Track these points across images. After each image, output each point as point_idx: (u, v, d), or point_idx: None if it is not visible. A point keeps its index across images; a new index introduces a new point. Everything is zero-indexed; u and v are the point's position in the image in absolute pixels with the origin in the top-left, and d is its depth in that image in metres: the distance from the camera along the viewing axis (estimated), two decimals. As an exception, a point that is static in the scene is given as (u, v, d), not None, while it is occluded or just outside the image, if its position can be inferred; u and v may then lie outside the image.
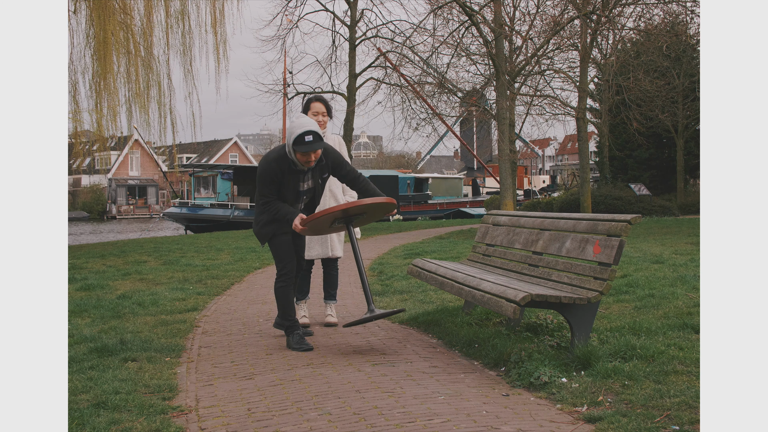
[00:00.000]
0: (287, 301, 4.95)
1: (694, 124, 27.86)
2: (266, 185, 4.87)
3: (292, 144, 4.66)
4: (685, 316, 5.05)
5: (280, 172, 4.80)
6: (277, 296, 4.98)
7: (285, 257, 4.96)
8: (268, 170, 4.84)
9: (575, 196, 23.31)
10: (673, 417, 3.08)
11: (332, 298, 5.74)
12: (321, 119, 5.46)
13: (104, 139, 14.85)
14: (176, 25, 14.38)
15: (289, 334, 4.93)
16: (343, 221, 4.94)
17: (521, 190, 41.07)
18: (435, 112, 23.12)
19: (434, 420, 3.17)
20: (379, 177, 32.81)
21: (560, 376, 3.73)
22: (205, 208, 31.71)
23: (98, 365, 4.38)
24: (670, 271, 7.53)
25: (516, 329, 4.86)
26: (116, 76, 13.83)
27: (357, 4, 22.41)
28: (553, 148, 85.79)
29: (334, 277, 5.75)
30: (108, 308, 6.45)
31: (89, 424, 3.26)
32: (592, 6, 17.12)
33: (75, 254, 11.97)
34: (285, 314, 4.96)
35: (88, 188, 57.23)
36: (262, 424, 3.27)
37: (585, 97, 21.41)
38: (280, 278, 4.97)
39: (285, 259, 4.96)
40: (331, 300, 5.74)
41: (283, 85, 25.27)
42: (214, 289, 7.81)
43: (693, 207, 25.24)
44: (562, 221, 4.71)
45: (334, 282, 5.74)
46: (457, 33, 18.48)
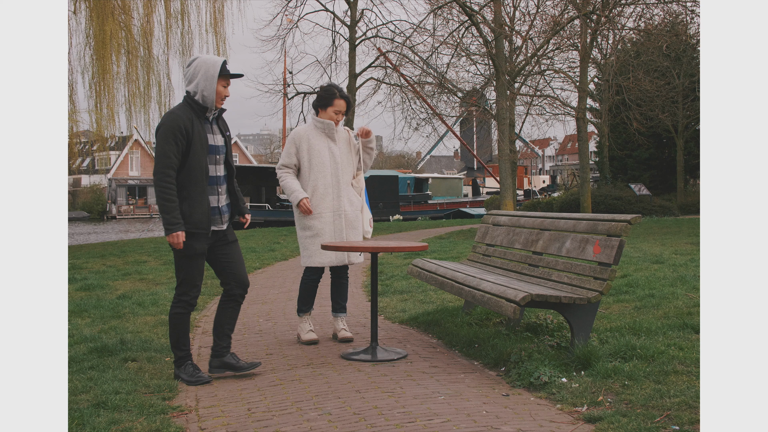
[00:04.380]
0: (185, 330, 4.17)
1: (694, 124, 27.86)
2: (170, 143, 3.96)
3: (218, 72, 4.07)
4: (685, 316, 5.05)
5: (189, 121, 4.03)
6: (173, 324, 4.15)
7: (196, 280, 4.16)
8: (173, 119, 4.01)
9: (575, 196, 23.30)
10: (673, 417, 3.08)
11: (343, 310, 5.18)
12: (339, 118, 5.06)
13: (104, 139, 14.86)
14: (176, 24, 14.39)
15: (180, 365, 4.17)
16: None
17: (521, 190, 41.09)
18: (435, 112, 23.13)
19: (434, 420, 3.17)
20: (379, 177, 32.80)
21: (560, 376, 3.73)
22: None
23: (98, 365, 4.38)
24: (670, 271, 7.53)
25: (516, 329, 4.86)
26: (116, 76, 13.85)
27: (357, 4, 22.41)
28: (553, 148, 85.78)
29: (345, 287, 5.19)
30: (108, 308, 6.45)
31: (89, 424, 3.26)
32: (592, 6, 17.12)
33: (75, 254, 11.96)
34: (180, 343, 4.17)
35: (88, 188, 57.19)
36: (262, 424, 3.27)
37: (585, 97, 21.40)
38: (180, 304, 4.15)
39: (196, 282, 4.16)
40: (342, 312, 5.18)
41: (283, 85, 25.28)
42: (214, 289, 7.81)
43: (693, 207, 25.23)
44: (562, 221, 4.71)
45: (345, 292, 5.19)
46: (457, 33, 18.49)
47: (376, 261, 4.69)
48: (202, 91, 4.07)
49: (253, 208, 29.68)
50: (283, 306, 6.71)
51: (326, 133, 5.05)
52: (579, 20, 17.79)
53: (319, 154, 4.99)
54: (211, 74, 4.07)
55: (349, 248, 4.47)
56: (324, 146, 5.02)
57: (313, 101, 5.14)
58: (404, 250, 4.55)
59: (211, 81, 4.07)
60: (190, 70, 4.12)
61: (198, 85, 4.08)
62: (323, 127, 5.03)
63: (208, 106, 4.11)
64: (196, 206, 4.06)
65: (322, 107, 5.05)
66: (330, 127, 5.03)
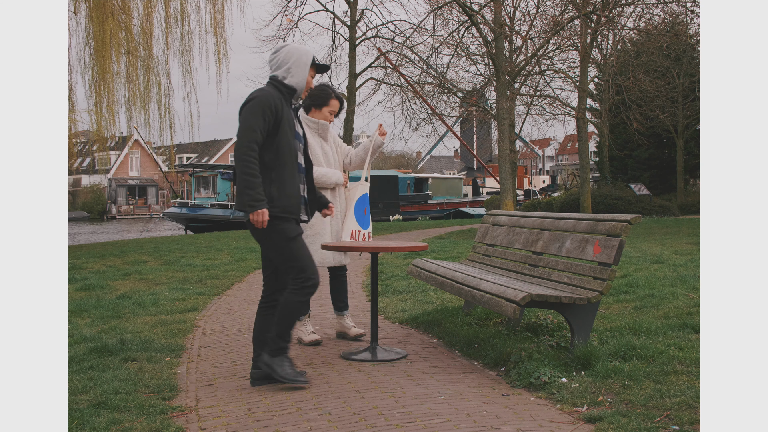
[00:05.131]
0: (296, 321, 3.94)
1: (694, 124, 27.87)
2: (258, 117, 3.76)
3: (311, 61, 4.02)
4: (685, 316, 5.05)
5: (279, 101, 3.88)
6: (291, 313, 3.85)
7: (311, 260, 3.90)
8: (265, 95, 3.85)
9: (575, 196, 23.31)
10: (673, 417, 3.08)
11: (346, 307, 5.19)
12: (332, 118, 5.09)
13: (104, 139, 14.86)
14: (175, 25, 14.40)
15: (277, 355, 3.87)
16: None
17: (521, 190, 41.07)
18: (435, 112, 23.14)
19: (434, 420, 3.17)
20: (379, 177, 32.80)
21: (560, 376, 3.73)
22: (205, 208, 31.70)
23: (98, 365, 4.38)
24: (670, 271, 7.53)
25: (516, 329, 4.86)
26: (115, 76, 13.85)
27: (357, 4, 22.43)
28: (553, 148, 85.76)
29: (345, 284, 5.22)
30: (108, 308, 6.45)
31: (89, 424, 3.26)
32: (592, 6, 17.13)
33: (75, 254, 11.96)
34: (287, 334, 3.89)
35: (88, 188, 57.24)
36: (262, 424, 3.27)
37: (585, 97, 21.41)
38: (305, 290, 3.85)
39: (312, 262, 3.91)
40: (345, 310, 5.19)
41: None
42: (214, 289, 7.81)
43: (693, 207, 25.24)
44: (562, 221, 4.71)
45: (345, 289, 5.22)
46: (457, 33, 18.50)
47: (376, 261, 4.69)
48: (293, 76, 3.97)
49: None
50: (283, 306, 6.70)
51: (319, 133, 5.04)
52: (579, 20, 17.80)
53: (313, 153, 4.98)
54: (304, 62, 3.99)
55: (349, 248, 4.45)
56: (317, 145, 5.02)
57: (305, 100, 5.05)
58: (404, 250, 4.55)
59: (303, 68, 3.99)
60: (280, 57, 4.01)
61: (289, 71, 3.97)
62: (317, 126, 5.02)
63: (298, 92, 4.01)
64: (286, 189, 3.87)
65: (316, 107, 5.01)
66: (324, 127, 5.03)
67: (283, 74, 3.97)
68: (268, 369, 3.85)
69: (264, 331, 3.98)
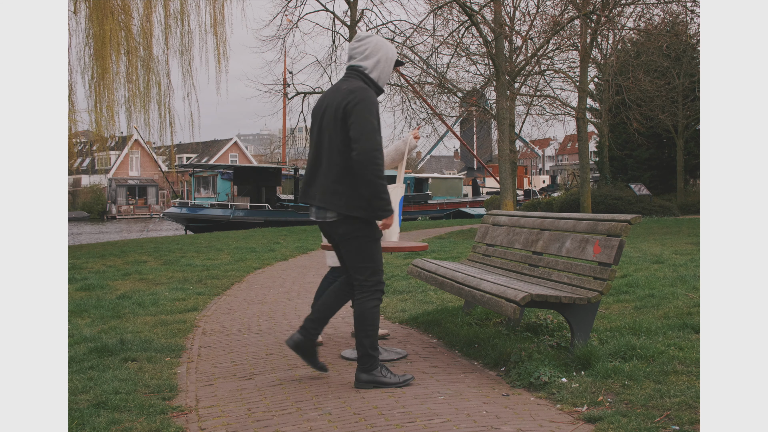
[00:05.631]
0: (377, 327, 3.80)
1: (694, 124, 27.88)
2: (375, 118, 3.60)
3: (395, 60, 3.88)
4: (685, 316, 5.05)
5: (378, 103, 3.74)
6: (371, 318, 3.73)
7: (382, 263, 3.84)
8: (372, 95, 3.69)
9: (575, 196, 23.31)
10: (673, 417, 3.08)
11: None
12: None
13: (104, 139, 14.86)
14: (175, 25, 14.39)
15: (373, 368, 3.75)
16: None
17: (521, 190, 41.07)
18: (435, 112, 23.13)
19: (434, 420, 3.17)
20: None
21: (560, 376, 3.73)
22: (205, 208, 31.71)
23: (98, 365, 4.38)
24: (670, 271, 7.53)
25: (516, 329, 4.86)
26: (115, 76, 13.84)
27: (357, 4, 22.42)
28: (553, 148, 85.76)
29: None
30: (108, 308, 6.45)
31: (89, 424, 3.26)
32: (592, 6, 17.13)
33: (75, 254, 11.96)
34: (376, 342, 3.75)
35: (88, 188, 57.22)
36: (262, 424, 3.27)
37: (585, 97, 21.41)
38: (377, 294, 3.78)
39: (382, 265, 3.85)
40: None
41: (283, 85, 25.31)
42: (214, 289, 7.81)
43: (693, 207, 25.23)
44: (562, 221, 4.71)
45: None
46: (457, 33, 18.50)
47: None
48: (381, 72, 3.81)
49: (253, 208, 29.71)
50: (283, 306, 6.71)
51: None
52: (579, 20, 17.80)
53: None
54: (391, 57, 3.85)
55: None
56: None
57: None
58: (404, 250, 4.54)
59: (389, 65, 3.85)
60: (369, 47, 3.84)
61: (377, 65, 3.81)
62: None
63: (382, 88, 3.85)
64: None
65: None
66: None
67: (370, 67, 3.81)
68: (371, 386, 3.74)
69: (334, 308, 3.91)
